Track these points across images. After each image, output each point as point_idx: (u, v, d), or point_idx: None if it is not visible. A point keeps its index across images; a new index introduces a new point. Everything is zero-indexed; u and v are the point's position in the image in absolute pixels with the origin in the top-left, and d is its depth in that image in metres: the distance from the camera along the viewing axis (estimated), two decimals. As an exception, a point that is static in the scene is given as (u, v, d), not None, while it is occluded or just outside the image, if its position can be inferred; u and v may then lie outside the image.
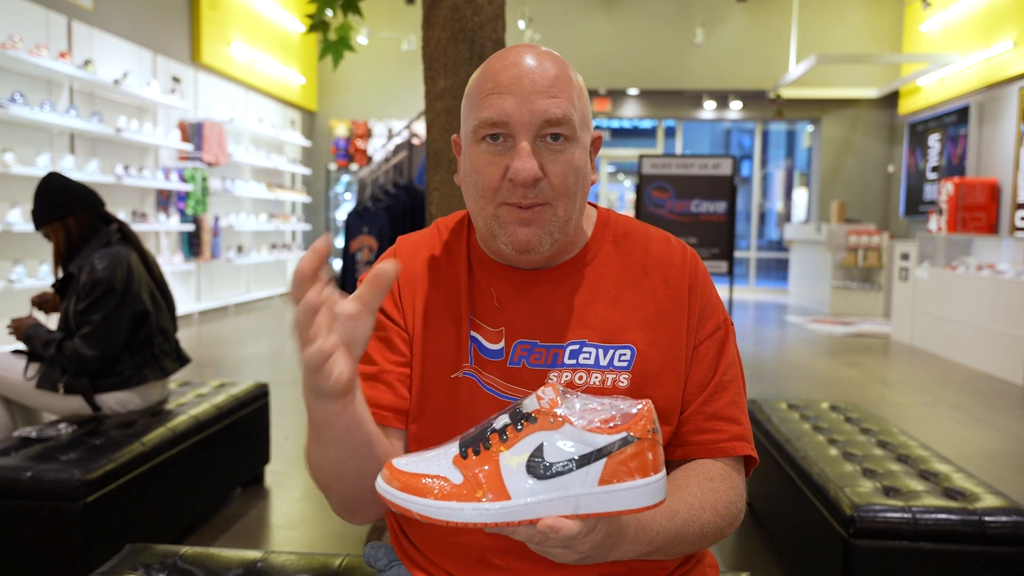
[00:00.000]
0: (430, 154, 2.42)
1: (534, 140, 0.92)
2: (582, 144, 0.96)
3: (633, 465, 0.71)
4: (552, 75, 0.93)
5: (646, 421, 0.73)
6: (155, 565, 1.38)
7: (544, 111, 0.91)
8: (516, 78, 0.92)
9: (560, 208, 0.95)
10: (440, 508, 0.71)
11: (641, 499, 0.72)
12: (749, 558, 2.58)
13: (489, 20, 2.30)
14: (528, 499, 0.71)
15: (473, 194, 0.97)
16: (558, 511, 0.71)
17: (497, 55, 0.97)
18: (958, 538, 1.79)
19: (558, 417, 0.72)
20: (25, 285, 5.61)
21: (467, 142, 0.98)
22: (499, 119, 0.92)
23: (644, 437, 0.72)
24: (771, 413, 2.77)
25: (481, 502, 0.71)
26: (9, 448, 2.21)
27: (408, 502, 0.72)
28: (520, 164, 0.91)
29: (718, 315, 1.04)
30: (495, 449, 0.73)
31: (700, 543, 0.92)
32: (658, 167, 6.22)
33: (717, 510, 0.93)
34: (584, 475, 0.71)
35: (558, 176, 0.93)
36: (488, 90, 0.93)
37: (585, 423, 0.72)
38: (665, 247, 1.06)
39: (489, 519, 0.71)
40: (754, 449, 1.02)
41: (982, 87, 8.69)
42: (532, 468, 0.71)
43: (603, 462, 0.71)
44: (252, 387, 3.07)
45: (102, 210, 2.65)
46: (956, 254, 7.23)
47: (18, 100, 5.51)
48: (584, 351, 0.98)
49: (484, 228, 0.98)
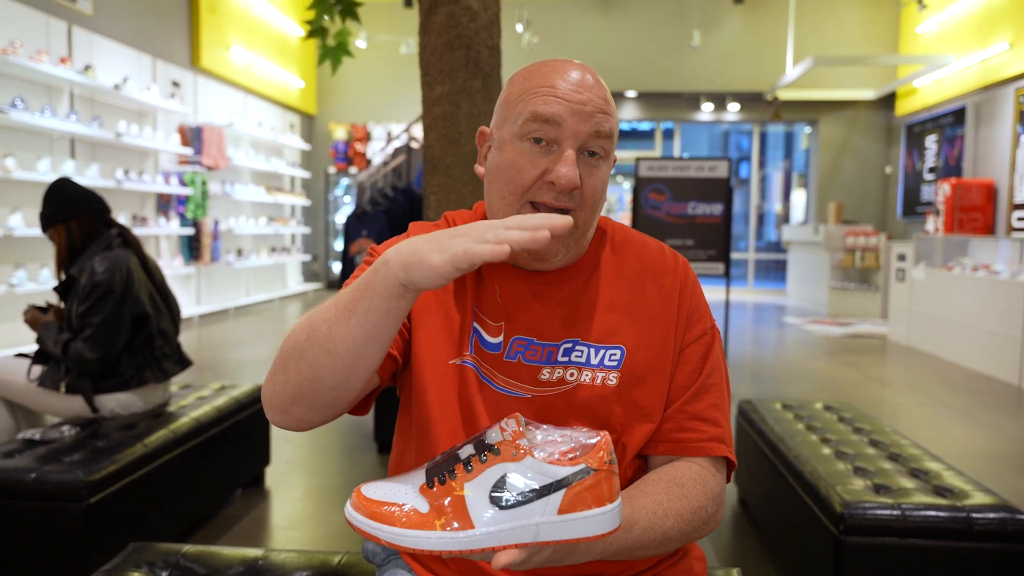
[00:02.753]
0: (427, 158, 2.46)
1: (579, 150, 0.97)
2: (611, 162, 1.02)
3: (591, 495, 0.76)
4: (604, 92, 0.99)
5: (604, 452, 0.77)
6: (158, 563, 1.41)
7: (598, 123, 0.97)
8: (574, 87, 0.97)
9: (581, 219, 1.00)
10: (407, 536, 0.76)
11: (598, 527, 0.76)
12: (742, 555, 2.61)
13: (485, 27, 2.34)
14: (491, 528, 0.75)
15: (504, 189, 1.00)
16: (519, 539, 0.75)
17: (547, 62, 1.01)
18: (947, 534, 1.82)
19: (520, 449, 0.76)
20: (26, 289, 5.64)
21: (508, 136, 1.00)
22: (553, 118, 0.96)
23: (601, 468, 0.76)
24: (765, 413, 2.80)
25: (446, 531, 0.75)
26: (13, 450, 2.24)
27: (376, 529, 0.77)
28: (565, 170, 0.95)
29: (705, 321, 1.09)
30: (460, 479, 0.77)
31: (664, 547, 0.94)
32: (655, 170, 6.25)
33: (683, 516, 0.95)
34: (544, 505, 0.75)
35: (590, 189, 0.99)
36: (545, 91, 0.97)
37: (546, 455, 0.77)
38: (659, 255, 1.11)
39: (454, 547, 0.75)
40: (732, 452, 1.06)
41: (978, 88, 8.72)
42: (495, 499, 0.76)
43: (562, 492, 0.75)
44: (252, 389, 3.10)
45: (106, 215, 2.68)
46: (953, 255, 7.26)
47: (19, 105, 5.55)
48: (577, 349, 1.02)
49: None
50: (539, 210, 0.97)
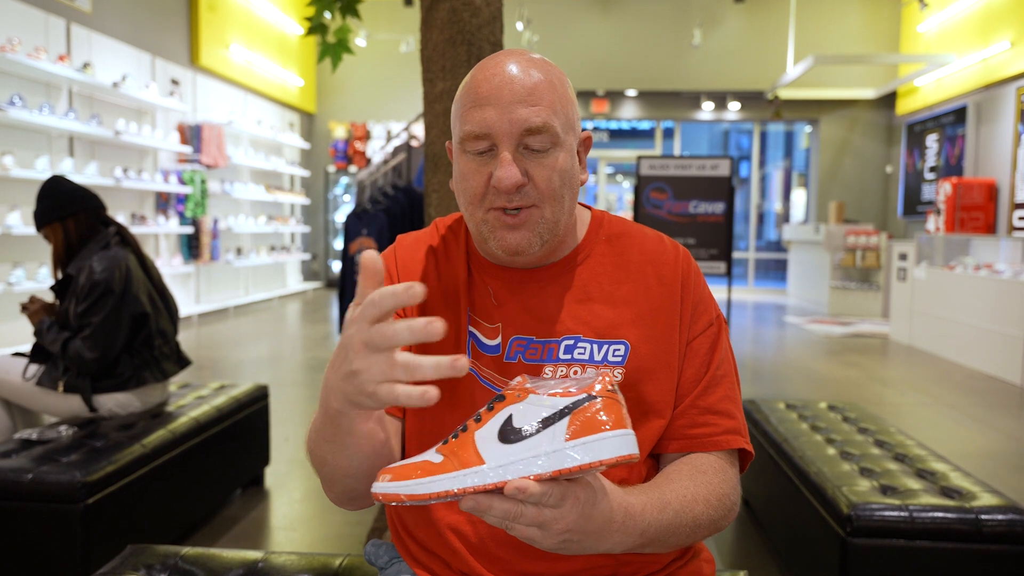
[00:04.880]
0: (429, 156, 2.43)
1: (516, 148, 0.95)
2: (567, 147, 0.98)
3: (599, 419, 0.75)
4: (531, 83, 0.95)
5: (603, 384, 0.77)
6: (156, 566, 1.39)
7: (524, 120, 0.93)
8: (496, 88, 0.94)
9: (547, 210, 0.97)
10: (420, 483, 0.75)
11: (610, 449, 0.74)
12: (747, 557, 2.59)
13: (487, 22, 2.31)
14: (500, 462, 0.75)
15: (463, 200, 1.00)
16: (531, 471, 0.73)
17: (480, 64, 0.99)
18: (955, 536, 1.80)
19: (524, 390, 0.78)
20: (24, 288, 5.61)
21: (455, 150, 1.00)
22: (481, 131, 0.94)
23: (605, 395, 0.76)
24: (769, 413, 2.78)
25: (456, 471, 0.75)
26: (10, 450, 2.22)
27: (392, 487, 0.77)
28: (502, 173, 0.93)
29: (711, 312, 1.06)
30: (471, 430, 0.78)
31: (694, 535, 0.93)
32: (656, 168, 6.23)
33: (710, 502, 0.94)
34: (552, 433, 0.74)
35: (543, 180, 0.95)
36: (471, 102, 0.96)
37: (549, 391, 0.77)
38: (658, 246, 1.08)
39: (465, 484, 0.74)
40: (749, 443, 1.04)
41: (979, 87, 8.71)
42: (503, 435, 0.76)
43: (567, 418, 0.75)
44: (252, 389, 3.08)
45: (102, 213, 2.66)
46: (954, 254, 7.24)
47: (17, 103, 5.52)
48: (579, 346, 1.00)
49: (475, 232, 1.01)
50: (499, 215, 0.96)
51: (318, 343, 6.92)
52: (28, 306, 2.63)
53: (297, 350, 6.65)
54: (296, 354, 6.43)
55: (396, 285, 0.71)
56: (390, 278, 1.08)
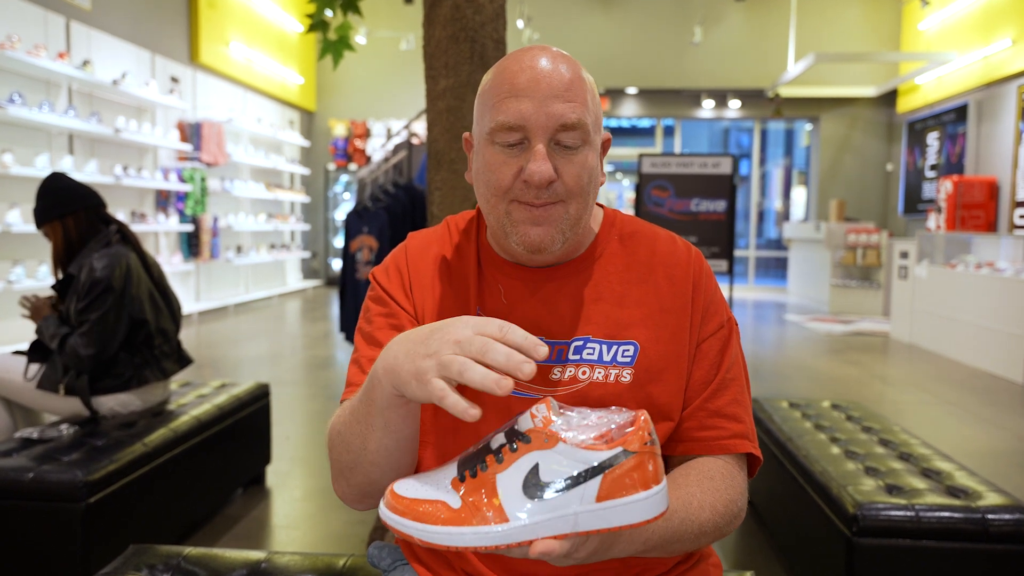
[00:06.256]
0: (431, 153, 2.42)
1: (549, 143, 0.94)
2: (594, 146, 0.97)
3: (631, 479, 0.70)
4: (568, 79, 0.94)
5: (643, 432, 0.72)
6: (159, 566, 1.38)
7: (560, 115, 0.92)
8: (533, 81, 0.93)
9: (572, 207, 0.96)
10: (440, 533, 0.72)
11: (641, 513, 0.71)
12: (752, 557, 2.58)
13: (490, 19, 2.30)
14: (526, 521, 0.71)
15: (485, 192, 0.98)
16: (557, 530, 0.71)
17: (512, 56, 0.97)
18: (961, 536, 1.79)
19: (552, 435, 0.72)
20: (24, 286, 5.60)
21: (481, 141, 0.98)
22: (516, 123, 0.93)
23: (641, 450, 0.71)
24: (772, 412, 2.77)
25: (480, 526, 0.71)
26: (11, 449, 2.21)
27: (410, 528, 0.73)
28: (535, 166, 0.92)
29: (722, 314, 1.05)
30: (491, 471, 0.73)
31: (699, 541, 0.92)
32: (658, 166, 6.22)
33: (716, 509, 0.93)
34: (581, 493, 0.70)
35: (572, 177, 0.94)
36: (505, 93, 0.94)
37: (579, 440, 0.72)
38: (670, 246, 1.07)
39: (489, 542, 0.71)
40: (757, 447, 1.03)
41: (980, 85, 8.69)
42: (528, 489, 0.71)
43: (599, 478, 0.70)
44: (253, 387, 3.07)
45: (102, 211, 2.65)
46: (955, 252, 7.23)
47: (16, 101, 5.50)
48: (588, 347, 0.99)
49: (496, 226, 0.99)
50: (523, 208, 0.95)
51: (318, 341, 6.91)
52: (30, 304, 2.61)
53: (298, 348, 6.64)
54: (297, 352, 6.41)
55: (529, 340, 0.74)
56: (400, 276, 1.07)
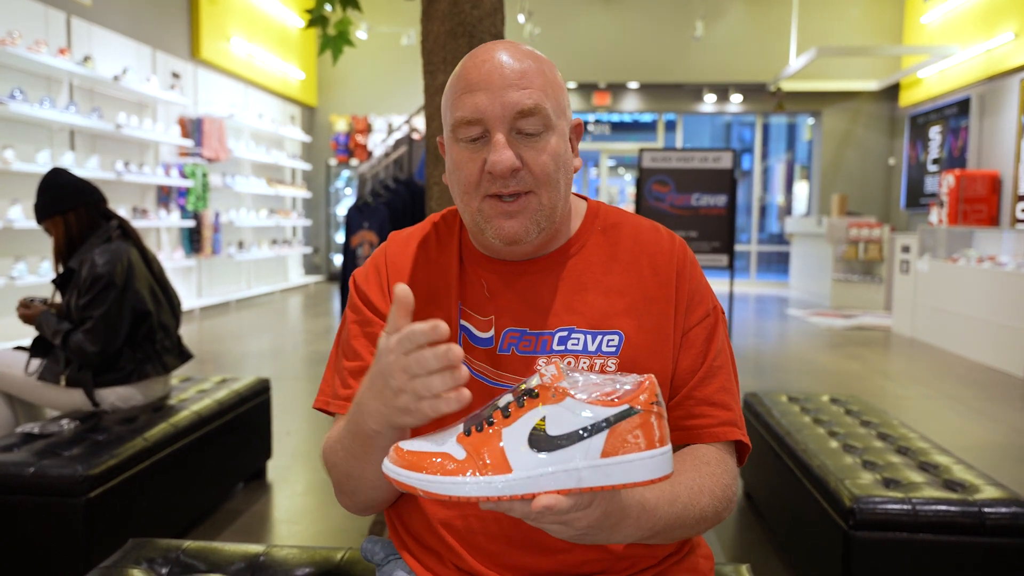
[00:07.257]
0: (430, 149, 2.43)
1: (509, 132, 0.95)
2: (559, 131, 0.98)
3: (636, 437, 0.71)
4: (521, 68, 0.95)
5: (649, 394, 0.72)
6: (158, 559, 1.39)
7: (516, 103, 0.93)
8: (487, 74, 0.94)
9: (544, 196, 0.97)
10: (443, 483, 0.72)
11: (645, 472, 0.71)
12: (749, 550, 2.58)
13: (488, 14, 2.30)
14: (530, 472, 0.71)
15: (458, 191, 0.99)
16: (560, 485, 0.71)
17: (470, 54, 0.99)
18: (958, 529, 1.80)
19: (560, 391, 0.72)
20: (26, 282, 5.61)
21: (448, 141, 1.00)
22: (473, 116, 0.94)
23: (647, 409, 0.71)
24: (771, 406, 2.77)
25: (483, 476, 0.71)
26: (12, 444, 2.22)
27: (411, 479, 0.73)
28: (496, 156, 0.93)
29: (707, 302, 1.05)
30: (498, 425, 0.73)
31: (698, 527, 0.93)
32: (658, 161, 6.21)
33: (715, 494, 0.94)
34: (586, 447, 0.70)
35: (538, 164, 0.95)
36: (461, 89, 0.96)
37: (587, 396, 0.72)
38: (654, 236, 1.07)
39: (491, 492, 0.71)
40: (745, 435, 1.03)
41: (983, 79, 8.67)
42: (534, 441, 0.71)
43: (605, 434, 0.70)
44: (254, 382, 3.08)
45: (103, 206, 2.65)
46: (957, 246, 7.22)
47: (18, 97, 5.51)
48: (573, 337, 0.99)
49: (471, 223, 1.00)
50: (495, 203, 0.96)
51: (320, 336, 6.92)
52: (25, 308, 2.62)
53: (299, 344, 6.65)
54: (298, 348, 6.43)
55: (426, 324, 0.75)
56: (378, 275, 1.08)
